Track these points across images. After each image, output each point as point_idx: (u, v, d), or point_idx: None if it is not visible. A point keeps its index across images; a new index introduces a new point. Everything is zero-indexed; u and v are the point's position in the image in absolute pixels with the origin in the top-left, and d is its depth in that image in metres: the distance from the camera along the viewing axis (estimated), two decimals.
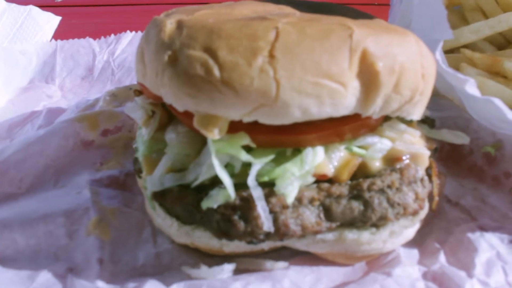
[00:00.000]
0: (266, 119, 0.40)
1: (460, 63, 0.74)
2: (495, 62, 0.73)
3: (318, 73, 0.38)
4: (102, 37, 0.90)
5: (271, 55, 0.38)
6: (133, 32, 0.91)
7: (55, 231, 0.54)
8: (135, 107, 0.53)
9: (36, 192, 0.61)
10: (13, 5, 0.95)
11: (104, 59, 0.87)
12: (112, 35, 0.91)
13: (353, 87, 0.40)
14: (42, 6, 0.98)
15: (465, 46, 0.77)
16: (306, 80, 0.38)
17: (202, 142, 0.48)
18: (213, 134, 0.40)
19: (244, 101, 0.38)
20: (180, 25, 0.42)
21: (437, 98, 0.71)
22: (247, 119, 0.40)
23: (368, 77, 0.40)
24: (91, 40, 0.90)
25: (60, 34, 0.95)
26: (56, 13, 0.97)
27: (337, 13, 0.49)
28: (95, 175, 0.61)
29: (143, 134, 0.52)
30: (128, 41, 0.89)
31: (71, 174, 0.63)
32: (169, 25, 0.43)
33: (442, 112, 0.68)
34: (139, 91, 0.55)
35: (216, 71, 0.38)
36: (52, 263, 0.52)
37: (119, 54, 0.88)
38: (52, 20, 0.96)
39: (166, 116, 0.52)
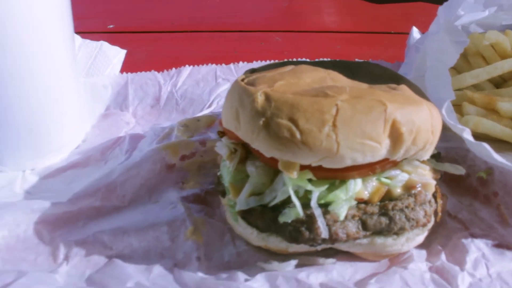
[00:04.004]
0: (327, 165, 0.63)
1: (463, 101, 0.97)
2: (491, 101, 0.95)
3: (363, 136, 0.61)
4: (165, 70, 1.13)
5: (334, 125, 0.61)
6: (191, 67, 1.14)
7: (161, 236, 0.75)
8: (222, 146, 0.76)
9: (136, 206, 0.83)
10: (87, 41, 1.17)
11: (168, 90, 1.08)
12: (173, 69, 1.13)
13: (386, 143, 0.63)
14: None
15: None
16: (356, 141, 0.61)
17: (274, 173, 0.71)
18: (293, 175, 0.63)
19: (315, 155, 0.61)
20: (268, 98, 0.65)
21: (444, 130, 0.93)
22: (314, 164, 0.63)
23: (396, 137, 0.63)
24: (156, 73, 1.12)
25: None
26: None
27: (372, 75, 0.73)
28: (182, 193, 0.84)
29: (227, 166, 0.75)
30: (187, 74, 1.11)
31: (161, 191, 0.86)
32: (260, 96, 0.66)
33: (447, 142, 0.90)
34: (222, 132, 0.79)
35: (298, 135, 0.61)
36: (160, 260, 0.71)
37: (180, 86, 1.09)
38: (119, 54, 1.19)
39: (244, 152, 0.75)
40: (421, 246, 0.72)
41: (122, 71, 1.16)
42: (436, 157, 0.79)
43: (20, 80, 0.84)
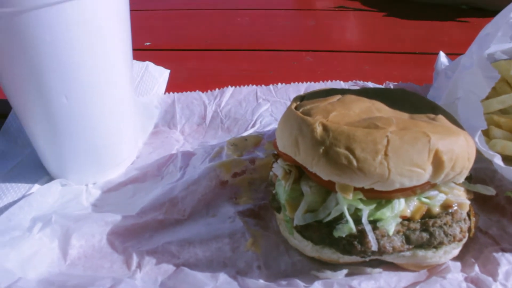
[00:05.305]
0: (378, 188, 0.76)
1: (490, 125, 1.10)
2: None
3: (411, 164, 0.74)
4: (209, 91, 1.26)
5: (386, 154, 0.74)
6: (233, 87, 1.27)
7: (223, 247, 0.88)
8: (278, 167, 0.90)
9: (195, 219, 0.97)
10: (133, 61, 1.31)
11: (213, 109, 1.21)
12: (217, 89, 1.26)
13: (429, 170, 0.76)
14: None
15: None
16: (404, 168, 0.74)
17: (326, 193, 0.84)
18: (349, 196, 0.76)
19: (369, 179, 0.74)
20: (325, 128, 0.78)
21: None
22: (366, 187, 0.76)
23: (438, 164, 0.76)
24: (200, 93, 1.25)
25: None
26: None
27: (410, 104, 0.86)
28: (238, 208, 0.97)
29: (283, 185, 0.89)
30: (229, 95, 1.24)
31: (217, 206, 0.99)
32: (318, 127, 0.79)
33: (476, 164, 1.01)
34: (277, 155, 0.92)
35: (354, 162, 0.74)
36: (223, 269, 0.83)
37: (224, 106, 1.22)
38: (164, 73, 1.32)
39: (298, 173, 0.88)
40: (456, 259, 0.83)
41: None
42: (468, 178, 0.92)
43: (89, 103, 0.97)
